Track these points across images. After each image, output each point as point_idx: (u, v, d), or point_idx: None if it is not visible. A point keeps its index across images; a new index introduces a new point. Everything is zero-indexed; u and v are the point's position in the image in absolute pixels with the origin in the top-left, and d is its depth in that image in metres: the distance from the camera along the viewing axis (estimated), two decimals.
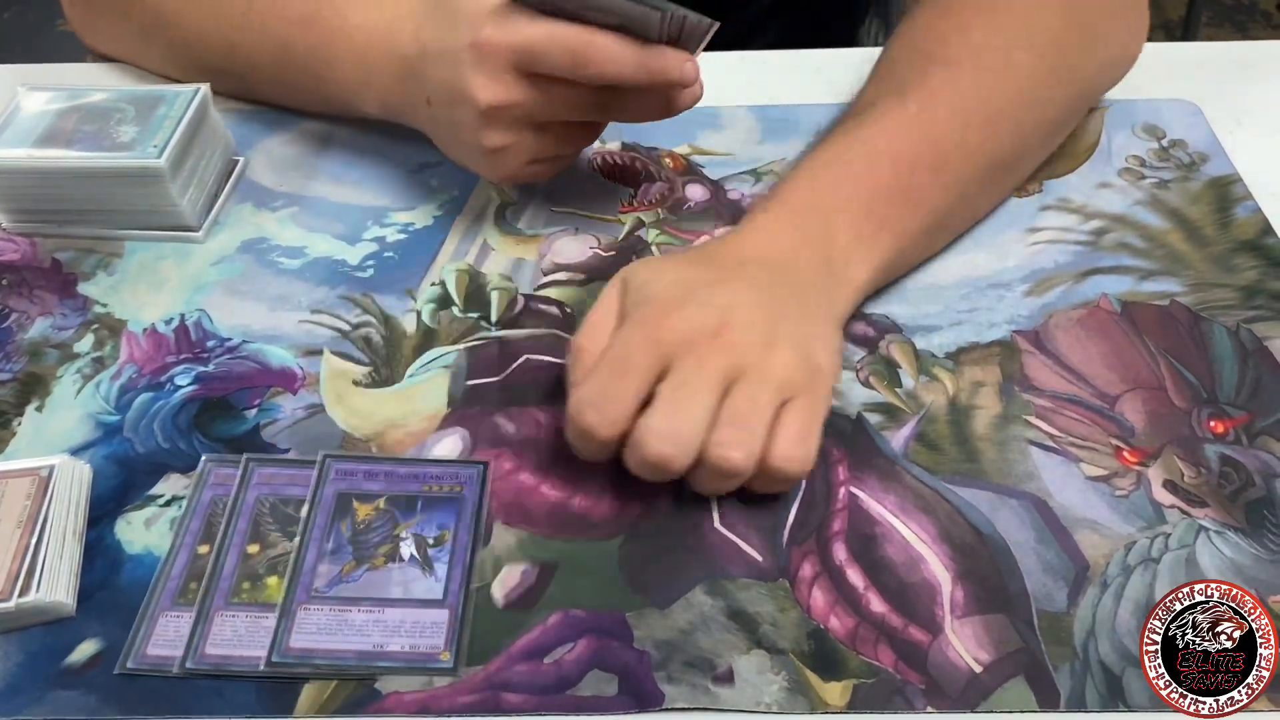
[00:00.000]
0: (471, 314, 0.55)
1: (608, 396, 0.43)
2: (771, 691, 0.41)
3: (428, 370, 0.53)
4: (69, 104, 0.60)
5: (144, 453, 0.49)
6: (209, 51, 0.65)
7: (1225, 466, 0.47)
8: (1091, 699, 0.40)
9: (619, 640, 0.42)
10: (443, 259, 0.59)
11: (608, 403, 0.43)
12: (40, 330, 0.55)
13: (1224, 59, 0.71)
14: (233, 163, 0.64)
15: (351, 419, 0.51)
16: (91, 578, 0.45)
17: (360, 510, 0.46)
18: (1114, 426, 0.49)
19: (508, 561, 0.45)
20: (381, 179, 0.64)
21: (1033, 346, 0.53)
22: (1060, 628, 0.42)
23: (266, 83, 0.66)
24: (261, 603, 0.43)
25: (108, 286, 0.58)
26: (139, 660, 0.42)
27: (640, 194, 0.63)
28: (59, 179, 0.58)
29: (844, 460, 0.48)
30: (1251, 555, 0.44)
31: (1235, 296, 0.55)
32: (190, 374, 0.53)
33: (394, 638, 0.42)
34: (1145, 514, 0.46)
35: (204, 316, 0.56)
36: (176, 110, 0.59)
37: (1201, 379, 0.51)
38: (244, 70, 0.65)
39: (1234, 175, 0.62)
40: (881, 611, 0.43)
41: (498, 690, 0.41)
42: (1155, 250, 0.58)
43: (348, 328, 0.55)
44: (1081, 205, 0.60)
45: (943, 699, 0.41)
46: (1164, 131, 0.65)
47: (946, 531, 0.46)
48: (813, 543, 0.45)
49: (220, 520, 0.46)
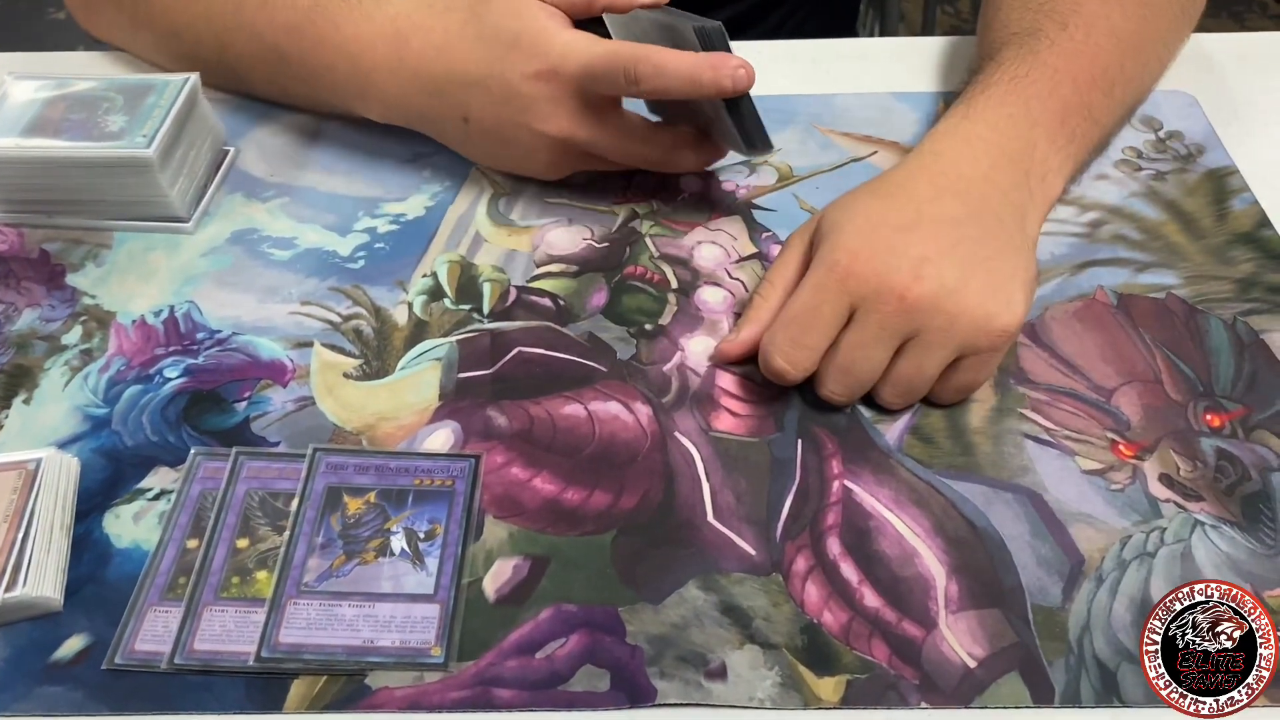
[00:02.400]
0: (463, 306, 0.55)
1: (798, 344, 0.47)
2: (764, 687, 0.41)
3: (419, 363, 0.52)
4: (57, 92, 0.59)
5: (132, 446, 0.49)
6: (200, 47, 0.65)
7: (1221, 460, 0.47)
8: (1086, 694, 0.40)
9: (611, 635, 0.42)
10: (434, 250, 0.58)
11: (797, 350, 0.47)
12: (28, 322, 0.55)
13: (1222, 50, 0.70)
14: (223, 153, 0.64)
15: (342, 412, 0.50)
16: (79, 572, 0.44)
17: (350, 504, 0.46)
18: (1110, 420, 0.49)
19: (499, 556, 0.45)
20: (373, 169, 0.63)
21: (1028, 339, 0.53)
22: (1055, 623, 0.42)
23: (260, 83, 0.66)
24: (251, 598, 0.43)
25: (96, 278, 0.57)
26: (127, 656, 0.41)
27: (634, 185, 0.62)
28: (47, 169, 0.57)
29: (838, 454, 0.48)
30: (1247, 550, 0.44)
31: (1232, 289, 0.55)
32: (179, 366, 0.52)
33: (384, 632, 0.42)
34: (1141, 508, 0.46)
35: (193, 308, 0.55)
36: (166, 99, 0.58)
37: (1198, 372, 0.51)
38: (236, 69, 0.65)
39: (1231, 167, 0.61)
40: (875, 606, 0.43)
41: (489, 686, 0.41)
42: (1152, 242, 0.57)
43: (338, 319, 0.55)
44: (1078, 197, 0.60)
45: (937, 694, 0.40)
46: (1161, 123, 0.65)
47: (941, 525, 0.45)
48: (806, 537, 0.45)
49: (209, 514, 0.46)
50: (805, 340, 0.47)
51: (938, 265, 0.47)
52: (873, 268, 0.47)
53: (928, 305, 0.46)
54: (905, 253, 0.47)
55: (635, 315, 0.54)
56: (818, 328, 0.47)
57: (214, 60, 0.65)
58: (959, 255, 0.47)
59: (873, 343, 0.47)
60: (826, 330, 0.47)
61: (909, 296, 0.46)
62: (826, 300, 0.47)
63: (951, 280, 0.46)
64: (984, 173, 0.51)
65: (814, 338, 0.47)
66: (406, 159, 0.64)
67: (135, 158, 0.56)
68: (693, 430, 0.49)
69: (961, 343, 0.47)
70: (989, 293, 0.47)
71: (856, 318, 0.47)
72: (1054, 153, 0.53)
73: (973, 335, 0.47)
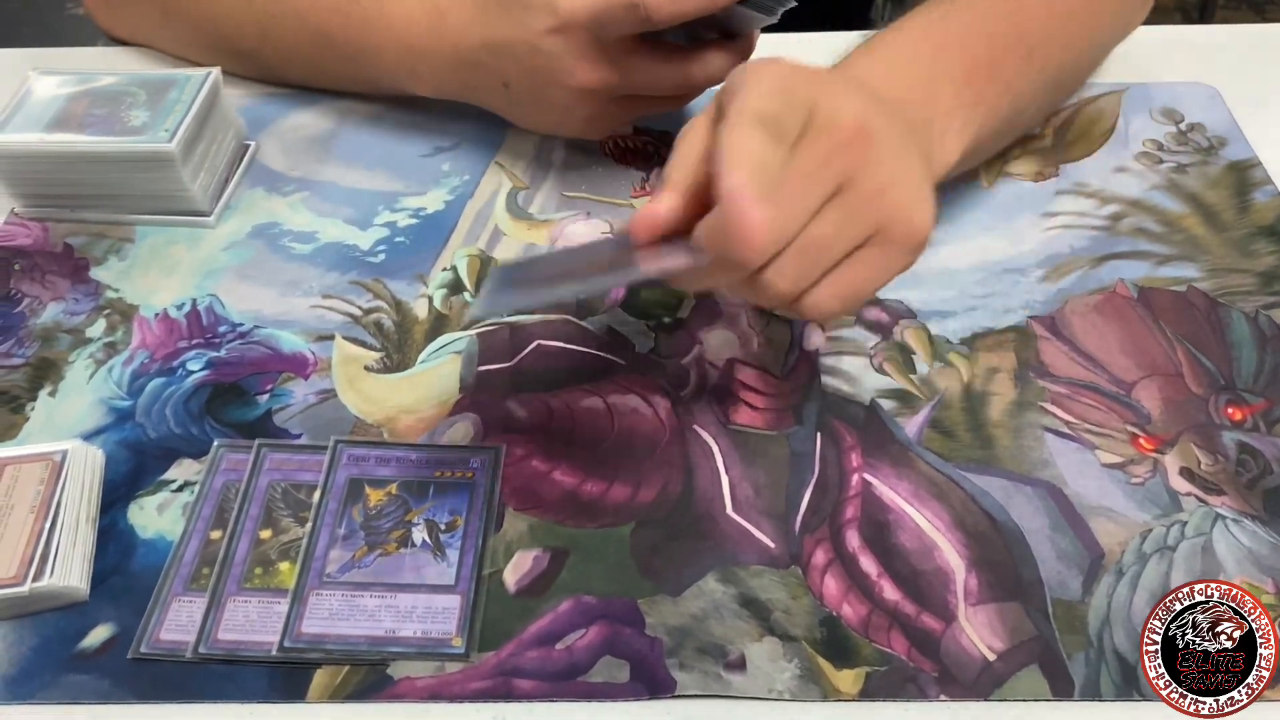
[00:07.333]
0: None
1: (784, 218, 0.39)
2: (783, 679, 0.41)
3: (439, 356, 0.53)
4: (80, 88, 0.60)
5: (156, 438, 0.49)
6: (241, 33, 0.65)
7: (1243, 454, 0.47)
8: (1106, 688, 0.40)
9: (631, 627, 0.42)
10: (454, 244, 0.58)
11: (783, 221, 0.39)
12: (52, 315, 0.55)
13: (1242, 41, 0.70)
14: (244, 147, 0.64)
15: (363, 404, 0.50)
16: (104, 563, 0.45)
17: (372, 495, 0.46)
18: (1130, 413, 0.49)
19: (519, 547, 0.45)
20: (393, 163, 0.64)
21: (1048, 332, 0.52)
22: (1075, 616, 0.42)
23: (299, 66, 0.66)
24: (274, 588, 0.43)
25: (119, 271, 0.58)
26: (152, 645, 0.42)
27: (652, 178, 0.62)
28: (70, 163, 0.58)
29: (857, 447, 0.48)
30: (1269, 544, 0.44)
31: (1254, 282, 0.54)
32: (202, 359, 0.53)
33: (406, 623, 0.42)
34: (1161, 501, 0.46)
35: (215, 301, 0.56)
36: (187, 94, 0.59)
37: (1219, 365, 0.50)
38: (275, 54, 0.65)
39: (1253, 159, 0.61)
40: (894, 599, 0.43)
41: (509, 676, 0.41)
42: (1173, 235, 0.57)
43: (359, 313, 0.55)
44: (1098, 189, 0.60)
45: (956, 687, 0.40)
46: (1182, 115, 0.64)
47: (960, 519, 0.45)
48: (825, 530, 0.45)
49: (232, 506, 0.46)
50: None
51: (889, 126, 0.41)
52: (843, 104, 0.40)
53: (874, 156, 0.40)
54: (860, 95, 0.41)
55: (654, 309, 0.54)
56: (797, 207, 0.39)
57: (253, 48, 0.65)
58: (902, 134, 0.42)
59: (811, 177, 0.39)
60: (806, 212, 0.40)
61: (863, 133, 0.39)
62: (813, 185, 0.40)
63: (897, 146, 0.41)
64: (901, 101, 0.45)
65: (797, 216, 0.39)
66: (426, 153, 0.64)
67: (157, 152, 0.57)
68: (711, 423, 0.49)
69: (880, 219, 0.40)
70: (917, 184, 0.41)
71: (803, 146, 0.39)
72: (957, 110, 0.48)
73: (892, 216, 0.40)
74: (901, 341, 0.52)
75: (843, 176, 0.39)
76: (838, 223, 0.40)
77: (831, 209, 0.40)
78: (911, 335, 0.53)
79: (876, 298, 0.54)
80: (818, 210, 0.39)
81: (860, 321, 0.53)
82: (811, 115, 0.39)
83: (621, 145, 0.64)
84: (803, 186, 0.39)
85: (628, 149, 0.64)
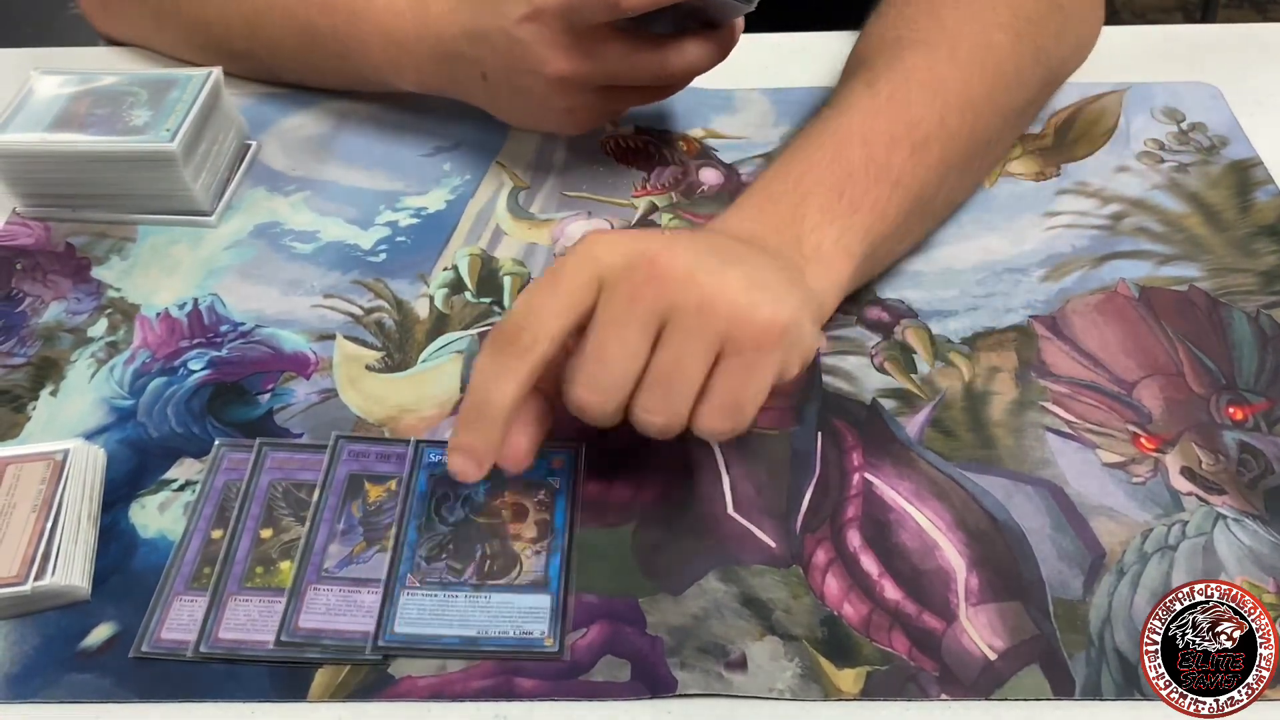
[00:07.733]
0: (484, 299, 0.55)
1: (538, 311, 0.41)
2: (785, 678, 0.41)
3: (440, 355, 0.53)
4: (81, 88, 0.60)
5: (157, 437, 0.49)
6: (230, 34, 0.65)
7: (1244, 453, 0.47)
8: (1107, 687, 0.40)
9: (632, 626, 0.42)
10: (455, 243, 0.59)
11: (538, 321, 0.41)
12: (54, 314, 0.55)
13: (1244, 41, 0.70)
14: (245, 146, 0.64)
15: (364, 404, 0.50)
16: (106, 562, 0.45)
17: (372, 492, 0.46)
18: (1131, 413, 0.49)
19: None
20: (394, 163, 0.64)
21: (1049, 332, 0.52)
22: (1076, 616, 0.42)
23: (289, 63, 0.66)
24: (275, 587, 0.43)
25: (121, 271, 0.58)
26: (153, 644, 0.42)
27: (653, 178, 0.62)
28: (72, 163, 0.58)
29: (858, 446, 0.48)
30: (1270, 543, 0.44)
31: (1255, 282, 0.54)
32: (203, 358, 0.53)
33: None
34: (1163, 501, 0.46)
35: (217, 301, 0.56)
36: (189, 94, 0.59)
37: (1220, 365, 0.50)
38: (266, 52, 0.65)
39: (1255, 158, 0.61)
40: (895, 598, 0.43)
41: (510, 675, 0.41)
42: (1174, 235, 0.57)
43: (360, 312, 0.55)
44: (1099, 189, 0.60)
45: (957, 686, 0.40)
46: (1183, 114, 0.64)
47: (961, 518, 0.45)
48: (826, 529, 0.45)
49: (234, 505, 0.46)
50: (545, 307, 0.41)
51: (692, 248, 0.41)
52: (621, 248, 0.41)
53: (681, 275, 0.39)
54: (657, 236, 0.42)
55: None
56: (558, 299, 0.41)
57: (243, 48, 0.65)
58: (720, 251, 0.42)
59: (622, 321, 0.40)
60: (569, 314, 0.41)
61: (659, 262, 0.39)
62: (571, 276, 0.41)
63: (710, 262, 0.40)
64: (756, 236, 0.46)
65: (559, 310, 0.41)
66: (427, 153, 0.64)
67: (159, 152, 0.57)
68: None
69: (720, 332, 0.39)
70: (753, 285, 0.41)
71: (602, 300, 0.40)
72: (829, 223, 0.47)
73: (732, 324, 0.39)
74: (902, 341, 0.52)
75: (659, 305, 0.40)
76: (677, 346, 0.40)
77: (667, 336, 0.40)
78: (912, 335, 0.53)
79: (877, 297, 0.54)
80: (653, 345, 0.40)
81: (861, 321, 0.53)
82: (605, 273, 0.40)
83: (622, 145, 0.64)
84: (617, 331, 0.40)
85: (629, 148, 0.64)
